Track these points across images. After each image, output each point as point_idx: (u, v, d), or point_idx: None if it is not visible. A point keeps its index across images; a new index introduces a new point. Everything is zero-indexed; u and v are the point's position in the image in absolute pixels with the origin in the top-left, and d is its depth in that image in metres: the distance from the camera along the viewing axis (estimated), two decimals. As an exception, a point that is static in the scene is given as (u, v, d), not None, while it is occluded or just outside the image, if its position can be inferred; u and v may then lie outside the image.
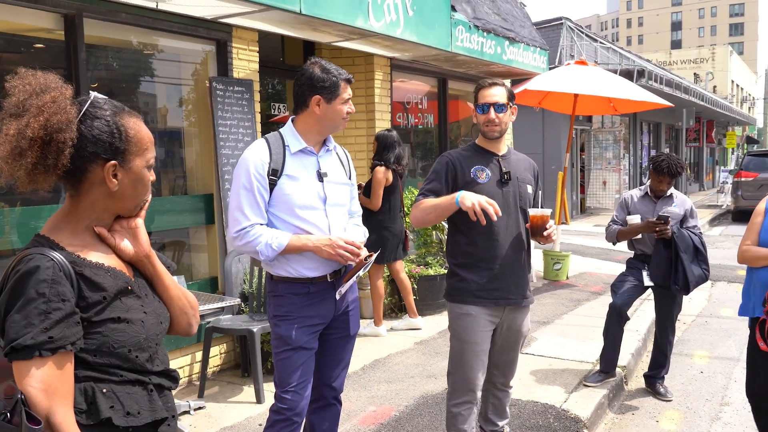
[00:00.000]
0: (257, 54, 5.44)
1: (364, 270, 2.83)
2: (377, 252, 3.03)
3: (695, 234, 4.49)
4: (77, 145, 1.48)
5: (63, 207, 1.59)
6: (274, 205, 2.76)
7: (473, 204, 2.85)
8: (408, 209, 6.54)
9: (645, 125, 22.29)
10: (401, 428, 3.97)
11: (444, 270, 6.61)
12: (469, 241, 3.11)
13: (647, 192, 4.76)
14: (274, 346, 2.84)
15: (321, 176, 2.82)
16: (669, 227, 4.36)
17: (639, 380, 5.09)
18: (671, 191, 4.70)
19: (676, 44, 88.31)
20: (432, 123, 8.44)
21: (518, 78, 9.11)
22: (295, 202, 2.75)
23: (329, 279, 2.83)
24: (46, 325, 1.39)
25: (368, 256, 2.83)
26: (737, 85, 55.51)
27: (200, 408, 4.32)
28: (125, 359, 1.54)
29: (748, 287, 3.48)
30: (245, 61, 5.32)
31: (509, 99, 3.18)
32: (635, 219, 4.58)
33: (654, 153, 20.22)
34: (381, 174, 5.76)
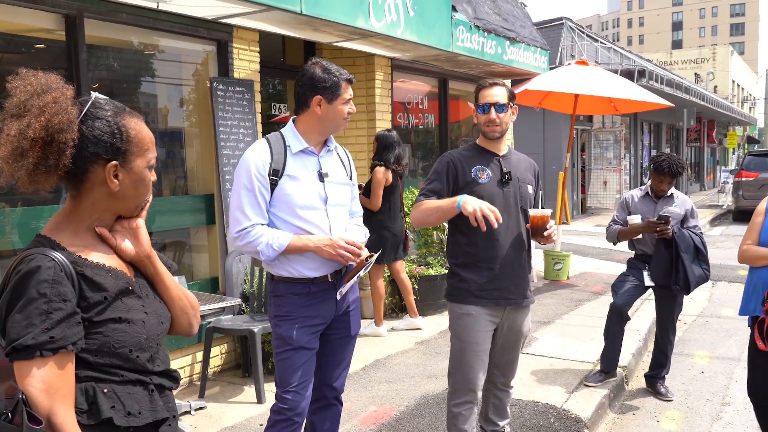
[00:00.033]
0: (258, 54, 5.45)
1: (365, 270, 2.83)
2: (378, 252, 3.03)
3: (696, 234, 4.49)
4: (78, 146, 1.48)
5: (64, 207, 1.59)
6: (275, 206, 2.77)
7: (474, 210, 2.85)
8: (408, 209, 6.54)
9: (646, 125, 22.29)
10: (402, 428, 3.97)
11: (444, 270, 6.61)
12: (470, 241, 3.11)
13: (648, 192, 4.76)
14: (275, 347, 2.84)
15: (322, 176, 2.82)
16: (670, 227, 4.36)
17: (640, 380, 5.09)
18: (672, 191, 4.70)
19: (677, 44, 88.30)
20: (432, 123, 8.44)
21: (519, 78, 9.10)
22: (296, 203, 2.75)
23: (330, 279, 2.83)
24: (48, 325, 1.39)
25: (369, 257, 2.83)
26: (738, 85, 55.50)
27: (201, 408, 4.32)
28: (126, 359, 1.54)
29: (749, 287, 3.49)
30: (246, 62, 5.32)
31: (510, 99, 3.18)
32: (636, 219, 4.58)
33: (655, 153, 20.24)
34: (381, 174, 5.76)
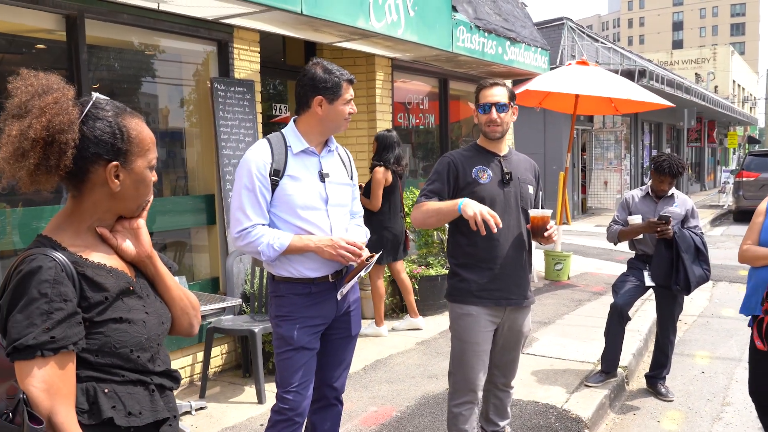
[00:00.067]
0: (258, 54, 5.45)
1: (366, 270, 2.83)
2: (379, 253, 3.03)
3: (696, 234, 4.49)
4: (79, 146, 1.48)
5: (65, 207, 1.59)
6: (276, 206, 2.77)
7: (475, 214, 2.85)
8: (409, 209, 6.54)
9: (646, 125, 22.29)
10: (402, 428, 3.98)
11: (445, 270, 6.61)
12: (470, 242, 3.11)
13: (648, 192, 4.76)
14: (276, 347, 2.84)
15: (323, 177, 2.82)
16: (670, 227, 4.36)
17: (640, 380, 5.09)
18: (672, 191, 4.69)
19: (678, 44, 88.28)
20: (433, 123, 8.44)
21: (519, 78, 9.10)
22: (297, 203, 2.75)
23: (331, 279, 2.83)
24: (48, 325, 1.39)
25: (370, 257, 2.83)
26: (738, 85, 55.51)
27: (202, 408, 4.33)
28: (127, 359, 1.54)
29: (750, 287, 3.50)
30: (246, 62, 5.32)
31: (510, 99, 3.18)
32: (636, 219, 4.58)
33: (655, 153, 20.22)
34: (380, 174, 5.77)
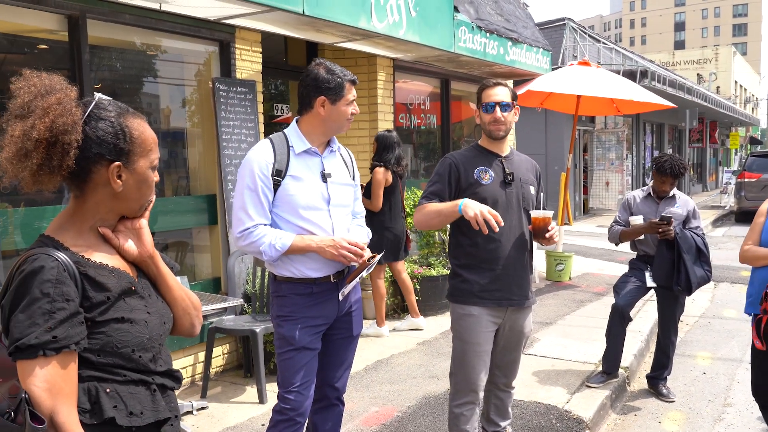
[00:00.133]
0: (260, 55, 5.45)
1: (368, 271, 2.83)
2: (381, 253, 3.03)
3: (698, 235, 4.49)
4: (82, 147, 1.48)
5: (67, 207, 1.59)
6: (278, 206, 2.77)
7: (476, 214, 2.85)
8: (410, 210, 6.54)
9: (648, 126, 22.28)
10: (404, 429, 3.98)
11: (446, 271, 6.61)
12: (472, 242, 3.11)
13: (650, 193, 4.75)
14: (278, 347, 2.84)
15: (325, 177, 2.83)
16: (672, 228, 4.36)
17: (641, 381, 5.08)
18: (674, 192, 4.69)
19: (680, 45, 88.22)
20: (435, 124, 8.44)
21: (521, 79, 9.10)
22: (299, 203, 2.76)
23: (332, 280, 2.84)
24: (50, 325, 1.40)
25: (371, 257, 2.83)
26: (740, 86, 55.46)
27: (203, 408, 4.33)
28: (129, 359, 1.54)
29: (751, 287, 3.51)
30: (248, 62, 5.33)
31: (512, 99, 3.19)
32: (638, 220, 4.57)
33: (657, 154, 20.20)
34: (380, 175, 5.77)
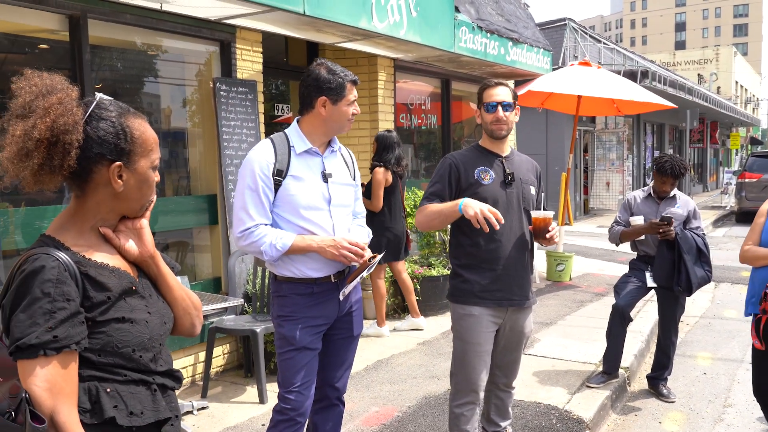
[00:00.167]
0: (261, 55, 5.45)
1: (368, 271, 2.83)
2: (381, 254, 3.03)
3: (698, 235, 4.49)
4: (83, 146, 1.49)
5: (68, 207, 1.59)
6: (279, 206, 2.77)
7: (476, 213, 2.85)
8: (410, 210, 6.54)
9: (649, 126, 22.27)
10: (404, 429, 3.98)
11: (447, 271, 6.61)
12: (472, 242, 3.11)
13: (650, 193, 4.75)
14: (278, 347, 2.84)
15: (326, 177, 2.83)
16: (672, 228, 4.36)
17: (642, 381, 5.08)
18: (674, 192, 4.69)
19: (680, 45, 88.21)
20: (435, 124, 8.44)
21: (522, 79, 9.10)
22: (300, 203, 2.76)
23: (333, 280, 2.84)
24: (51, 325, 1.40)
25: (372, 257, 2.84)
26: (741, 86, 55.45)
27: (203, 408, 4.33)
28: (129, 359, 1.54)
29: (751, 287, 3.51)
30: (249, 62, 5.33)
31: (513, 99, 3.19)
32: (638, 220, 4.57)
33: (657, 154, 20.19)
34: (380, 175, 5.77)
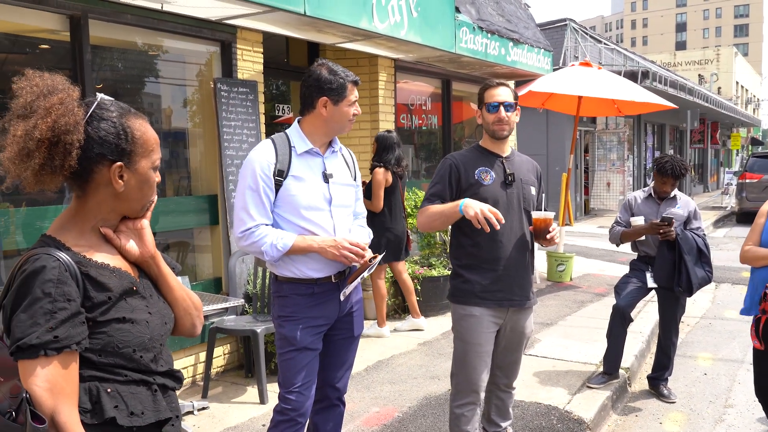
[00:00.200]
0: (262, 55, 5.46)
1: (369, 271, 2.83)
2: (382, 254, 3.03)
3: (699, 236, 4.49)
4: (84, 147, 1.49)
5: (69, 208, 1.59)
6: (280, 206, 2.77)
7: (476, 213, 2.86)
8: (410, 211, 6.54)
9: (649, 126, 22.27)
10: (404, 429, 3.98)
11: (447, 271, 6.61)
12: (473, 243, 3.11)
13: (651, 193, 4.75)
14: (279, 347, 2.84)
15: (326, 177, 2.83)
16: (673, 229, 4.36)
17: (642, 382, 5.08)
18: (675, 193, 4.69)
19: (681, 45, 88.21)
20: (436, 124, 8.44)
21: (522, 79, 9.10)
22: (301, 203, 2.76)
23: (334, 280, 2.84)
24: (52, 325, 1.40)
25: (373, 258, 2.84)
26: (742, 87, 55.43)
27: (204, 408, 4.33)
28: (130, 359, 1.54)
29: (750, 287, 3.51)
30: (250, 62, 5.33)
31: (514, 99, 3.19)
32: (639, 220, 4.57)
33: (658, 154, 20.19)
34: (380, 175, 5.77)
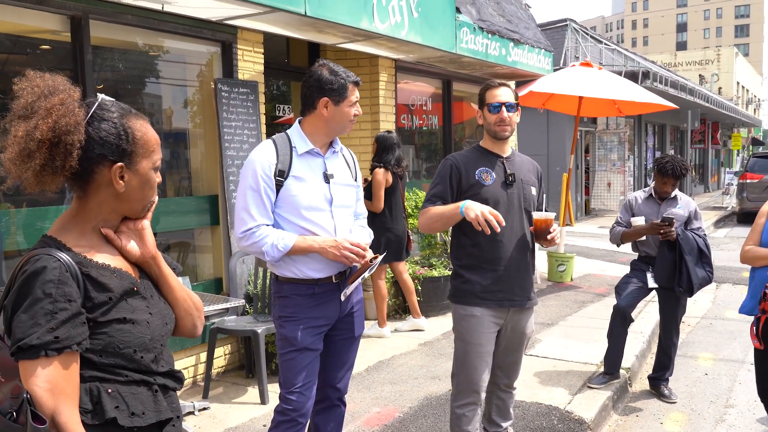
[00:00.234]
0: (262, 55, 5.46)
1: (369, 272, 2.83)
2: (383, 254, 3.03)
3: (699, 236, 4.49)
4: (85, 147, 1.49)
5: (70, 208, 1.60)
6: (281, 206, 2.77)
7: (477, 215, 2.86)
8: (411, 211, 6.54)
9: (650, 127, 22.26)
10: (405, 429, 3.98)
11: (448, 271, 6.61)
12: (474, 243, 3.11)
13: (652, 194, 4.75)
14: (280, 347, 2.85)
15: (327, 178, 2.83)
16: (673, 229, 4.36)
17: (643, 382, 5.08)
18: (676, 193, 4.69)
19: (682, 46, 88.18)
20: (436, 124, 8.44)
21: (523, 79, 9.10)
22: (301, 203, 2.76)
23: (334, 280, 2.84)
24: (52, 325, 1.40)
25: (373, 258, 2.84)
26: (742, 87, 55.38)
27: (205, 409, 4.33)
28: (130, 360, 1.55)
29: (750, 287, 3.52)
30: (250, 63, 5.33)
31: (515, 100, 3.19)
32: (639, 221, 4.57)
33: (659, 155, 20.17)
34: (381, 176, 5.77)
